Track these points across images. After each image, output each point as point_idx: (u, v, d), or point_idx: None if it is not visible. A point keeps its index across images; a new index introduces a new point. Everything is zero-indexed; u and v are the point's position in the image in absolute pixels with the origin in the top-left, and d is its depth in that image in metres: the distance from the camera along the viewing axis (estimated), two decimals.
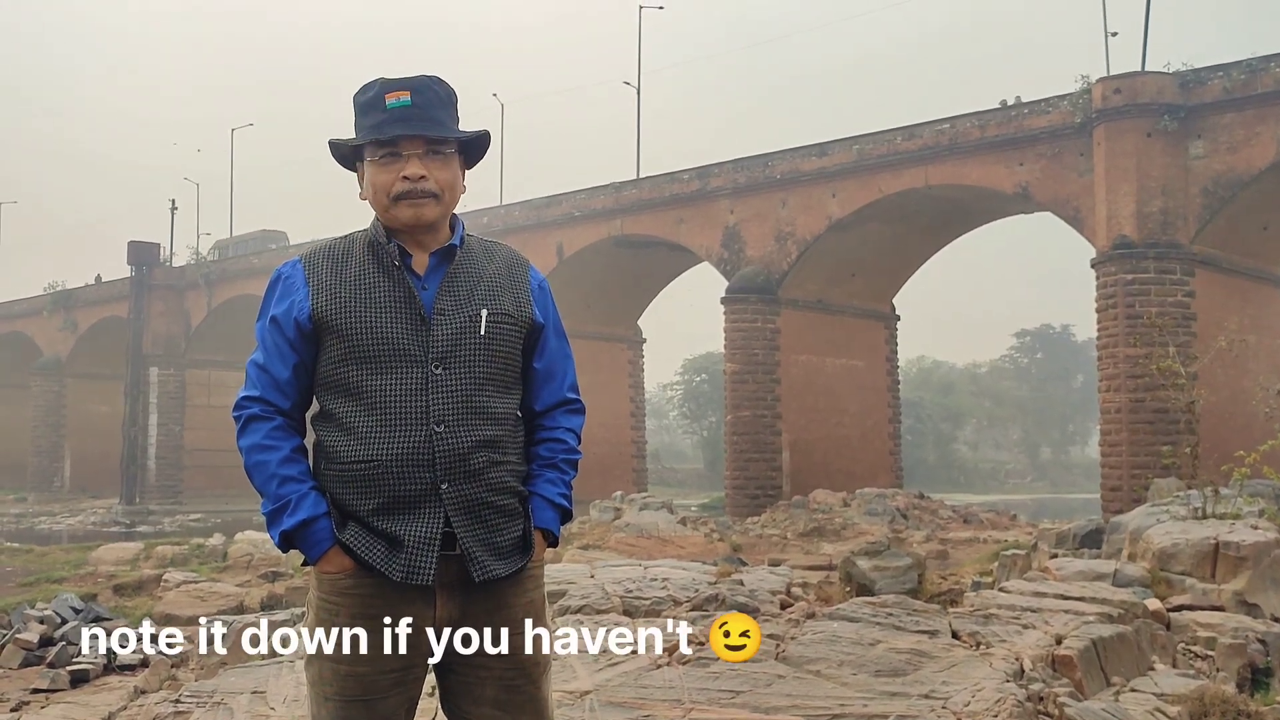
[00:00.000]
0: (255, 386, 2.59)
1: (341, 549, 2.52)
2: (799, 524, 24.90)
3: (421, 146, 2.58)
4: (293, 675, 5.95)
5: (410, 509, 2.50)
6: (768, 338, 34.03)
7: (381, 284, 2.57)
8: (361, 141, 2.58)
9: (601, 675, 5.39)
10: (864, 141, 32.58)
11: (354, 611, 2.52)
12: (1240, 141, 26.15)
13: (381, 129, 2.56)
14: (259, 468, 2.55)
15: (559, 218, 39.55)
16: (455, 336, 2.55)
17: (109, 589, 15.42)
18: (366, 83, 2.64)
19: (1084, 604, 6.84)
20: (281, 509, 2.52)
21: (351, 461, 2.51)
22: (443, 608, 2.54)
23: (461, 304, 2.59)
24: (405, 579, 2.47)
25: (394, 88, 2.58)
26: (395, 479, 2.49)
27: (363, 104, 2.60)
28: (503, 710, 2.58)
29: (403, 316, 2.54)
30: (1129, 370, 25.81)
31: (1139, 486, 23.15)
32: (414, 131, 2.56)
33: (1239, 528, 8.93)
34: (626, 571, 8.35)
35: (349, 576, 2.52)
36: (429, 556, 2.48)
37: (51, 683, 7.86)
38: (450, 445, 2.50)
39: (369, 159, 2.59)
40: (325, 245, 2.67)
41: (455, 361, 2.54)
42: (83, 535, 33.48)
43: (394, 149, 2.57)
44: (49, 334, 57.99)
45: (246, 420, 2.58)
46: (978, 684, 5.05)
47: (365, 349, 2.52)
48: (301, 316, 2.56)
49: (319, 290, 2.57)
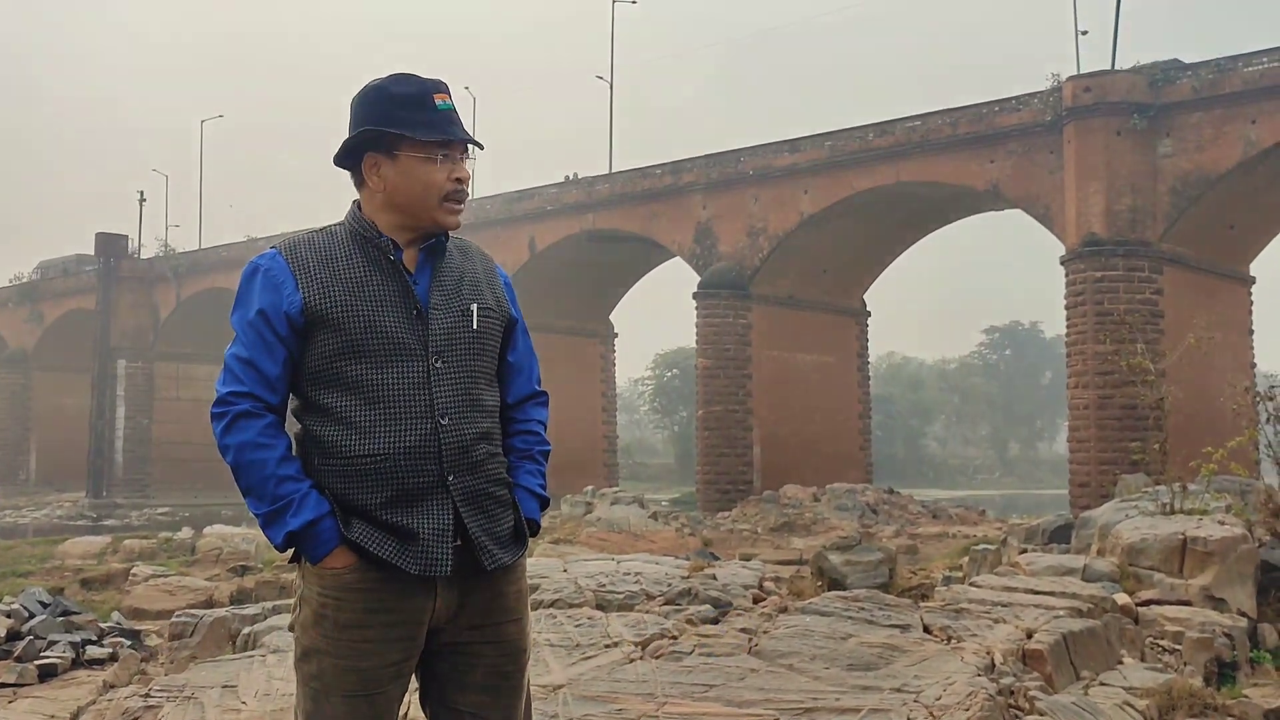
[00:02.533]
0: (241, 382, 2.52)
1: (349, 546, 2.49)
2: (770, 519, 24.96)
3: (463, 150, 2.63)
4: (264, 669, 5.92)
5: (419, 501, 2.50)
6: (739, 333, 34.08)
7: (374, 278, 2.55)
8: (430, 138, 2.56)
9: (575, 669, 5.39)
10: (836, 138, 32.69)
11: (357, 606, 2.50)
12: (1208, 140, 26.39)
13: (445, 131, 2.57)
14: (254, 466, 2.48)
15: (531, 212, 39.48)
16: (450, 330, 2.57)
17: (76, 583, 15.30)
18: (396, 75, 2.61)
19: (1054, 599, 6.89)
20: (283, 509, 2.47)
21: (355, 455, 2.49)
22: (441, 598, 2.54)
23: (451, 299, 2.60)
24: (423, 571, 2.47)
25: (437, 89, 2.59)
26: (404, 472, 2.49)
27: (405, 99, 2.56)
28: (491, 695, 2.59)
29: (400, 311, 2.54)
30: (1097, 367, 26.00)
31: (1107, 482, 23.33)
32: (470, 138, 2.62)
33: (1206, 523, 9.01)
34: (599, 566, 8.35)
35: (352, 572, 2.50)
36: (444, 548, 2.49)
37: (19, 677, 7.78)
38: (454, 438, 2.53)
39: (415, 154, 2.57)
40: (304, 237, 2.63)
41: (452, 355, 2.56)
42: (49, 529, 33.22)
43: (450, 150, 2.59)
44: (15, 326, 57.49)
45: (235, 416, 2.49)
46: (949, 678, 5.07)
47: (364, 343, 2.51)
48: (293, 310, 2.52)
49: (308, 283, 2.53)
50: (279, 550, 2.58)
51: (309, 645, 2.54)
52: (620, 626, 6.20)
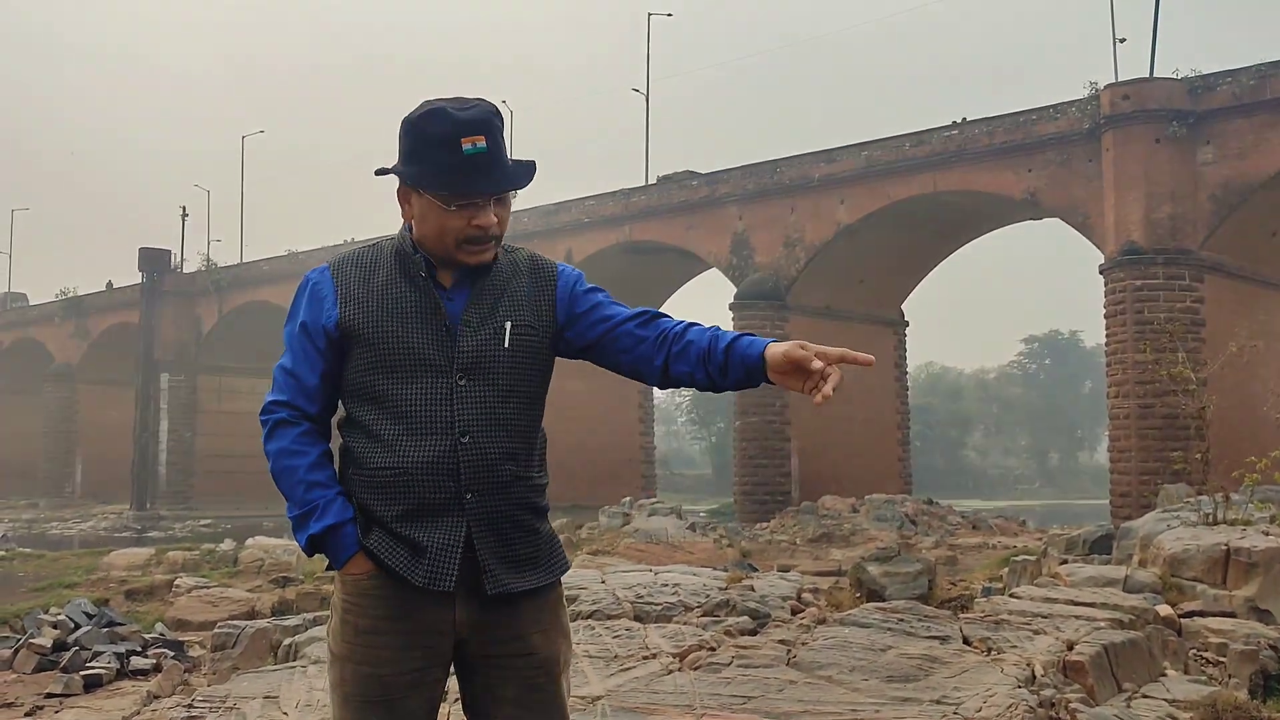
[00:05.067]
0: (283, 391, 2.62)
1: (365, 553, 2.55)
2: (808, 530, 24.88)
3: (492, 197, 2.56)
4: (305, 680, 5.97)
5: (434, 517, 2.53)
6: None
7: (408, 295, 2.58)
8: (443, 192, 2.52)
9: (613, 680, 5.41)
10: (872, 148, 32.59)
11: (375, 613, 2.55)
12: (1249, 147, 26.11)
13: (464, 183, 2.50)
14: (287, 473, 2.58)
15: (568, 224, 39.60)
16: (480, 348, 2.56)
17: (121, 594, 15.45)
18: (430, 109, 2.53)
19: (1095, 610, 6.85)
20: (309, 514, 2.56)
21: (378, 468, 2.54)
22: (461, 611, 2.56)
23: (486, 316, 2.59)
24: (427, 584, 2.51)
25: (469, 131, 2.48)
26: (421, 486, 2.52)
27: (433, 139, 2.50)
28: (526, 709, 2.59)
29: (429, 327, 2.56)
30: (1138, 376, 25.75)
31: (1148, 492, 23.12)
32: (493, 189, 2.54)
33: (1250, 534, 8.92)
34: (637, 577, 8.37)
35: (371, 579, 2.56)
36: (451, 563, 2.51)
37: (65, 688, 7.88)
38: (475, 456, 2.53)
39: (434, 200, 2.54)
40: (354, 253, 2.68)
41: (479, 373, 2.55)
42: (94, 541, 33.54)
43: (472, 200, 2.53)
44: (60, 340, 58.19)
45: (274, 425, 2.60)
46: (989, 690, 5.05)
47: (391, 359, 2.55)
48: (329, 325, 2.59)
49: (346, 300, 2.59)
50: (306, 554, 2.65)
51: (335, 650, 2.61)
52: (658, 638, 6.21)
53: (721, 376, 2.57)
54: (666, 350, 2.62)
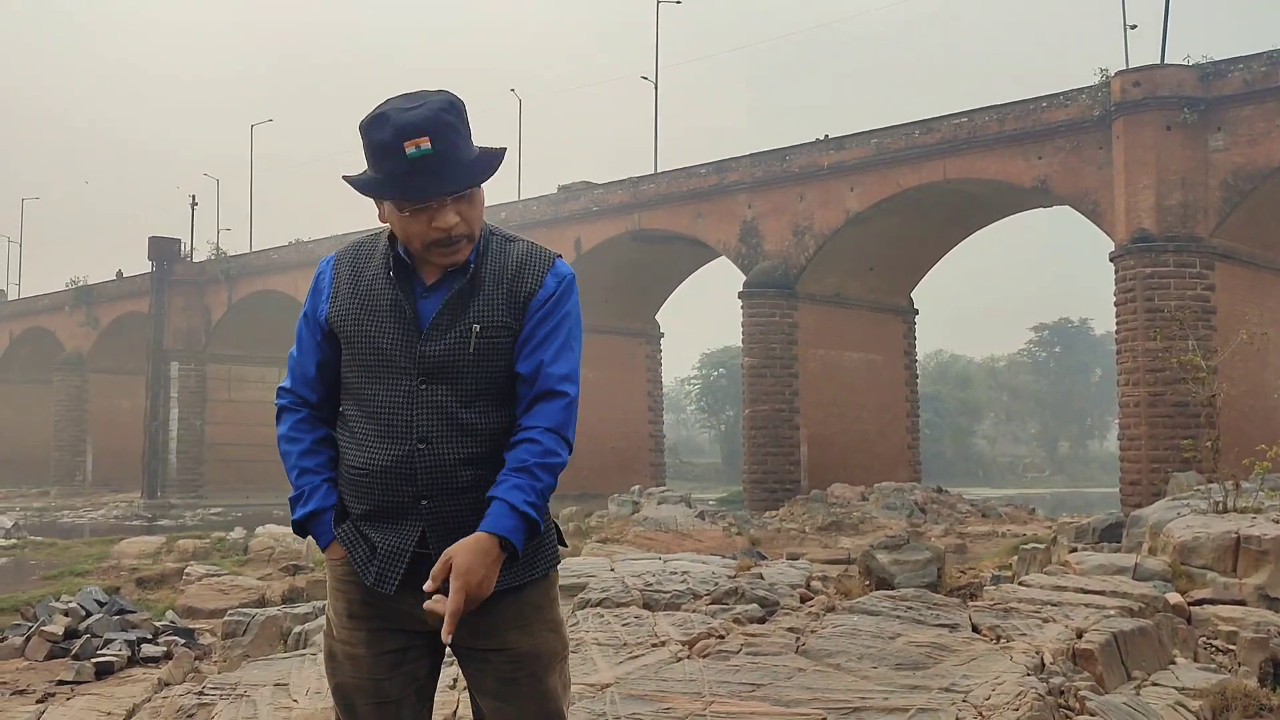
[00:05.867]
0: (289, 378, 2.71)
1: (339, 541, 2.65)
2: (817, 518, 24.89)
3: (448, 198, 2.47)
4: (315, 668, 5.99)
5: (391, 519, 2.57)
6: (785, 332, 33.98)
7: (385, 293, 2.57)
8: (385, 197, 2.48)
9: (622, 668, 5.41)
10: (882, 135, 32.50)
11: (351, 597, 2.65)
12: (1260, 134, 25.99)
13: (407, 187, 2.42)
14: (285, 457, 2.68)
15: (576, 212, 39.57)
16: (444, 352, 2.52)
17: (132, 582, 15.54)
18: (374, 114, 2.45)
19: (1104, 598, 6.84)
20: (298, 498, 2.65)
21: (349, 466, 2.61)
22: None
23: (456, 318, 2.53)
24: (374, 585, 2.56)
25: (410, 134, 2.37)
26: (381, 489, 2.56)
27: (376, 146, 2.42)
28: (503, 701, 2.62)
29: (398, 328, 2.55)
30: (1148, 364, 25.70)
31: (1158, 480, 23.08)
32: (443, 191, 2.43)
33: (1260, 521, 8.91)
34: (646, 565, 8.38)
35: (347, 565, 2.65)
36: (397, 567, 2.55)
37: (77, 675, 7.91)
38: (431, 462, 2.52)
39: (392, 207, 2.49)
40: (353, 245, 2.70)
41: (443, 377, 2.52)
42: (105, 529, 33.69)
43: (424, 204, 2.45)
44: (71, 329, 58.35)
45: (280, 410, 2.71)
46: (998, 677, 5.05)
47: (365, 357, 2.58)
48: (321, 318, 2.65)
49: (336, 294, 2.63)
50: (299, 536, 2.78)
51: (325, 629, 2.74)
52: (667, 625, 6.22)
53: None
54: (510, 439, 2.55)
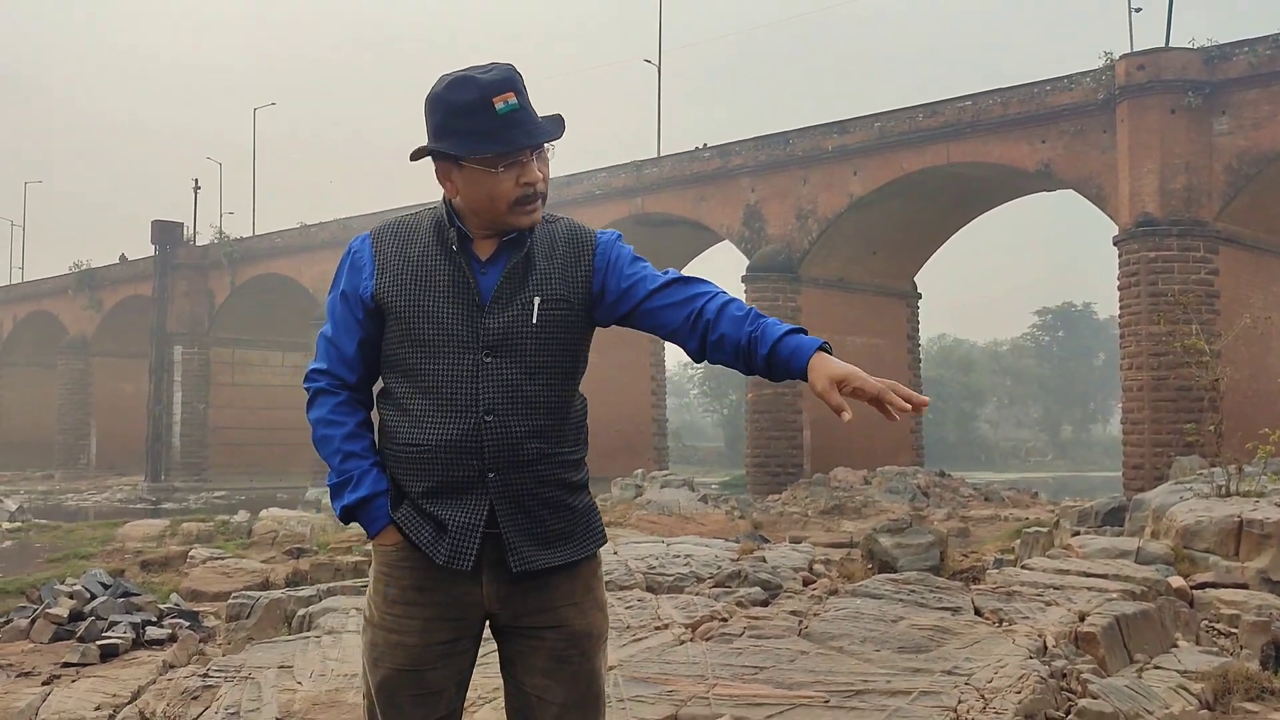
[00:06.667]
0: (324, 359, 2.66)
1: (395, 526, 2.58)
2: (820, 502, 24.89)
3: (534, 150, 2.53)
4: (319, 650, 6.02)
5: (457, 495, 2.53)
6: (789, 315, 33.91)
7: (442, 267, 2.56)
8: (487, 154, 2.47)
9: (625, 650, 5.43)
10: (886, 119, 32.42)
11: (404, 584, 2.58)
12: (1265, 117, 25.91)
13: (505, 140, 2.47)
14: (325, 441, 2.62)
15: (579, 196, 39.49)
16: (507, 325, 2.53)
17: (136, 565, 15.55)
18: (453, 79, 2.50)
19: (1107, 581, 6.85)
20: (344, 484, 2.59)
21: (405, 444, 2.55)
22: (490, 586, 2.57)
23: (517, 291, 2.55)
24: (448, 563, 2.52)
25: (498, 90, 2.46)
26: (445, 465, 2.52)
27: (463, 107, 2.46)
28: (553, 680, 2.60)
29: (459, 302, 2.53)
30: (1151, 348, 25.67)
31: (1161, 464, 23.10)
32: (535, 140, 2.50)
33: (1263, 505, 8.92)
34: (649, 548, 8.40)
35: (401, 550, 2.58)
36: (471, 543, 2.52)
37: (82, 657, 7.93)
38: (499, 435, 2.51)
39: (477, 166, 2.49)
40: (394, 222, 2.67)
41: (506, 350, 2.52)
42: (109, 512, 33.72)
43: (516, 155, 2.49)
44: (74, 313, 58.36)
45: (315, 393, 2.65)
46: (1001, 660, 5.07)
47: (421, 332, 2.54)
48: (366, 295, 2.59)
49: (383, 270, 2.58)
50: (343, 522, 2.70)
51: (368, 616, 2.65)
52: (670, 608, 6.23)
53: (765, 376, 2.55)
54: (701, 336, 2.57)
